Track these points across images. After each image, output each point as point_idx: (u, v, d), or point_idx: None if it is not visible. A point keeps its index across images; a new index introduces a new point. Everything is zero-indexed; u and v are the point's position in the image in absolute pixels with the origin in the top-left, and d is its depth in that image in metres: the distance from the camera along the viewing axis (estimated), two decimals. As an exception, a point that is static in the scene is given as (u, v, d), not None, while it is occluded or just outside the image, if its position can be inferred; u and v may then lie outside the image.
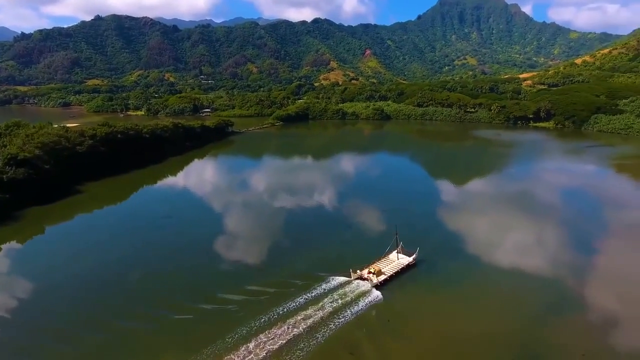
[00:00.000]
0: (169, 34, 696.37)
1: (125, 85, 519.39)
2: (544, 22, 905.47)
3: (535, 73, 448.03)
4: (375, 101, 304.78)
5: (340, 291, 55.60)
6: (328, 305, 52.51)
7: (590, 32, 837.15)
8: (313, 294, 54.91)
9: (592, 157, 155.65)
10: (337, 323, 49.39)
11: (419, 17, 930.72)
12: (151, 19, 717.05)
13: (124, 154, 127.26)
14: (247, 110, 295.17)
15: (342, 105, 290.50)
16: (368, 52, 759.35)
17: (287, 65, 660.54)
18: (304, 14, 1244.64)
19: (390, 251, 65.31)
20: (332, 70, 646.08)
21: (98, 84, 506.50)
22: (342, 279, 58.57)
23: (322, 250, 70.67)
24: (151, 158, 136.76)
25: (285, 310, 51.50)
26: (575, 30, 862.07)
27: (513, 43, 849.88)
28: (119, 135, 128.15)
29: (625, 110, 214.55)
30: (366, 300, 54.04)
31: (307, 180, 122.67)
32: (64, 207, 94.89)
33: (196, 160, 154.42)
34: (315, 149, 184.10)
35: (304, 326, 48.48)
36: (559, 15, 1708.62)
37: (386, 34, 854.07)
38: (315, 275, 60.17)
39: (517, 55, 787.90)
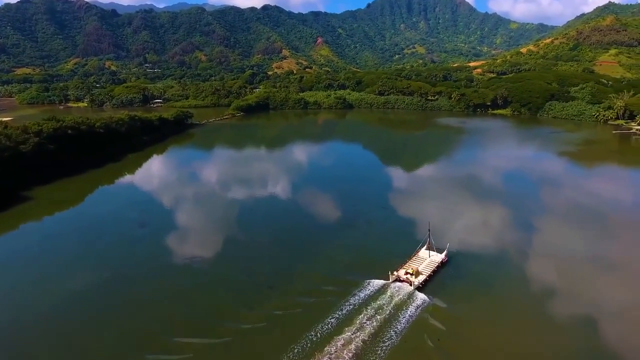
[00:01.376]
0: (108, 19, 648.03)
1: (61, 74, 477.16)
2: (486, 12, 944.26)
3: (484, 61, 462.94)
4: (334, 90, 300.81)
5: (384, 296, 51.33)
6: (377, 313, 48.14)
7: (528, 23, 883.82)
8: (355, 302, 50.02)
9: (552, 144, 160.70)
10: (394, 333, 44.95)
11: (369, 5, 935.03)
12: (87, 2, 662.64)
13: (76, 152, 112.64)
14: (203, 100, 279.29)
15: (302, 94, 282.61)
16: (320, 40, 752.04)
17: (237, 54, 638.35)
18: (252, 0, 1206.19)
19: (420, 248, 61.91)
20: (285, 59, 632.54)
21: (29, 73, 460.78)
22: (380, 282, 54.15)
23: (329, 249, 65.13)
24: (108, 156, 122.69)
25: (332, 323, 46.31)
26: (514, 21, 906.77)
27: (458, 32, 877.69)
28: (69, 131, 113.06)
29: (576, 97, 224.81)
30: (414, 305, 49.90)
31: (282, 174, 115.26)
32: (6, 220, 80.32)
33: (158, 156, 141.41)
34: (282, 141, 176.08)
35: (361, 341, 43.47)
36: (499, 6, 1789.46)
37: (337, 22, 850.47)
38: (350, 280, 54.74)
39: (463, 45, 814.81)
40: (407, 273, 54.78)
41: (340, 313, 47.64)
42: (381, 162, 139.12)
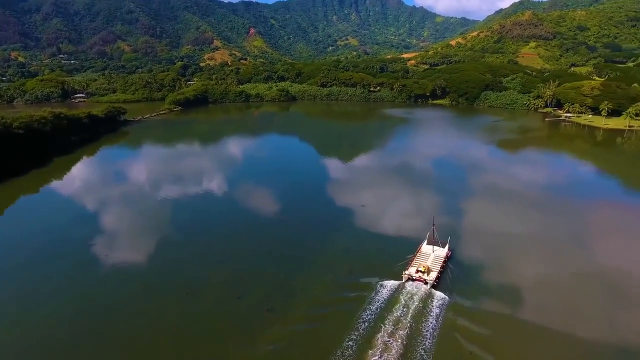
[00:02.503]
0: (12, 5, 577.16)
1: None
2: (413, 6, 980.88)
3: (416, 53, 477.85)
4: (274, 82, 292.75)
5: (402, 298, 49.32)
6: (403, 317, 45.78)
7: (452, 17, 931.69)
8: (376, 308, 47.27)
9: (495, 132, 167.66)
10: (427, 339, 42.75)
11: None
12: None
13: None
14: (133, 94, 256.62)
15: (243, 87, 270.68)
16: (252, 31, 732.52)
17: (165, 44, 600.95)
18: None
19: (422, 243, 60.81)
20: (217, 50, 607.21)
21: None
22: (393, 282, 52.34)
23: (315, 252, 60.55)
24: (30, 160, 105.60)
25: (360, 333, 43.27)
26: (440, 15, 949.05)
27: (388, 25, 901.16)
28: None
29: (508, 87, 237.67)
30: (436, 304, 48.21)
31: (236, 173, 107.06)
32: None
33: (90, 158, 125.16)
34: (228, 137, 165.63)
35: (398, 350, 40.93)
36: (424, 0, 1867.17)
37: (269, 13, 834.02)
38: (362, 283, 51.92)
39: (393, 37, 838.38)
40: (418, 271, 53.35)
41: (364, 322, 44.70)
42: (330, 156, 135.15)
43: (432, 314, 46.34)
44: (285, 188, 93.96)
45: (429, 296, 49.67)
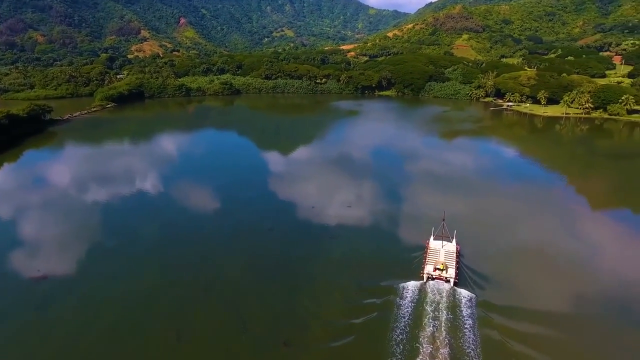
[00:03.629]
0: None
1: None
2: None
3: (355, 45, 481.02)
4: (214, 74, 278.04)
5: (429, 300, 47.61)
6: (437, 319, 43.91)
7: (384, 9, 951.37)
8: (405, 312, 45.20)
9: (446, 122, 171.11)
10: (470, 340, 41.11)
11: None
12: None
13: None
14: (55, 90, 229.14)
15: (182, 80, 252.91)
16: (183, 21, 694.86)
17: (85, 34, 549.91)
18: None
19: (429, 239, 59.37)
20: (146, 41, 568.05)
21: None
22: (414, 283, 50.57)
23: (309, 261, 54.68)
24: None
25: (400, 344, 40.56)
26: (372, 7, 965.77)
27: (323, 17, 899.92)
28: None
29: (451, 78, 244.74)
30: (464, 303, 46.86)
31: (189, 176, 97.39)
32: None
33: (12, 165, 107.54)
34: (169, 133, 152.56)
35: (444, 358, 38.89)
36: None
37: (199, 2, 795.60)
38: (383, 287, 49.50)
39: (329, 29, 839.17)
40: (436, 269, 52.02)
41: (400, 332, 42.18)
42: (277, 150, 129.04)
43: (465, 314, 44.87)
44: (258, 192, 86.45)
45: (454, 295, 48.42)
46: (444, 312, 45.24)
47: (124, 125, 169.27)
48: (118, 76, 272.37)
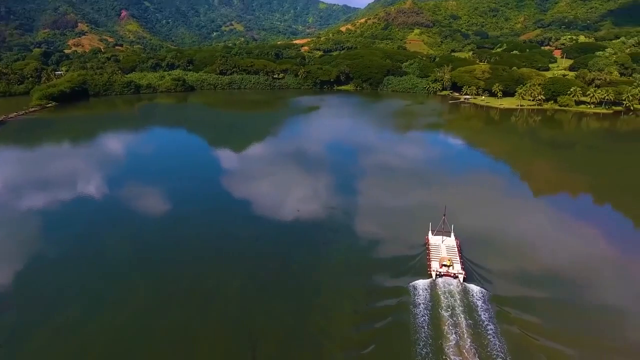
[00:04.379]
0: None
1: None
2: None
3: (309, 39, 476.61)
4: (164, 70, 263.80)
5: (442, 297, 46.72)
6: (454, 318, 43.13)
7: (335, 4, 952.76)
8: (421, 311, 44.14)
9: (409, 116, 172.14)
10: (492, 336, 40.54)
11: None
12: None
13: None
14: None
15: (130, 76, 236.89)
16: (124, 13, 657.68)
17: (14, 27, 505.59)
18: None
19: (427, 235, 58.99)
20: (84, 35, 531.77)
21: None
22: (424, 282, 49.64)
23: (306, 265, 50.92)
24: None
25: (425, 342, 39.84)
26: (323, 2, 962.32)
27: (273, 11, 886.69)
28: None
29: (408, 72, 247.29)
30: (477, 298, 46.40)
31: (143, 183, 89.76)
32: None
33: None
34: (120, 134, 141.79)
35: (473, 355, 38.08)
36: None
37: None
38: (393, 289, 48.30)
39: (279, 23, 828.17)
40: (443, 265, 51.20)
41: (424, 340, 40.50)
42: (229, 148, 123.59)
43: (480, 310, 44.36)
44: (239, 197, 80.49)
45: (465, 291, 47.74)
46: (459, 309, 44.50)
47: (68, 126, 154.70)
48: (56, 72, 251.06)
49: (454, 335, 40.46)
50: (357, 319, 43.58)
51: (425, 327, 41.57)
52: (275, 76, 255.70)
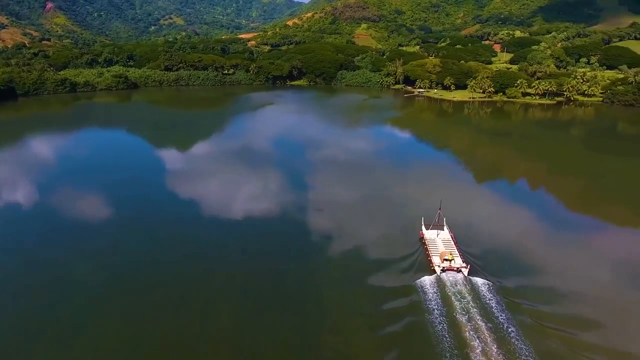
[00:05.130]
0: None
1: None
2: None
3: (255, 34, 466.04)
4: (101, 66, 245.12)
5: (449, 293, 46.20)
6: (468, 313, 42.76)
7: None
8: (434, 307, 43.89)
9: (368, 110, 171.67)
10: (511, 328, 40.55)
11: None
12: None
13: None
14: None
15: (64, 73, 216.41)
16: (50, 5, 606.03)
17: None
18: None
19: (421, 230, 58.65)
20: (4, 28, 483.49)
21: None
22: (429, 278, 49.11)
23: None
24: None
25: (444, 337, 39.44)
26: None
27: (214, 4, 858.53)
28: None
29: (361, 66, 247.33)
30: (485, 291, 46.46)
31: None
32: None
33: None
34: (49, 137, 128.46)
35: (496, 351, 37.58)
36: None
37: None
38: (399, 289, 47.28)
39: (222, 17, 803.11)
40: (445, 260, 50.52)
41: (438, 324, 41.16)
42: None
43: (490, 302, 44.62)
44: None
45: (472, 284, 47.75)
46: (471, 304, 44.43)
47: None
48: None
49: (476, 342, 39.14)
50: (371, 323, 41.93)
51: (444, 324, 41.13)
52: (225, 72, 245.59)
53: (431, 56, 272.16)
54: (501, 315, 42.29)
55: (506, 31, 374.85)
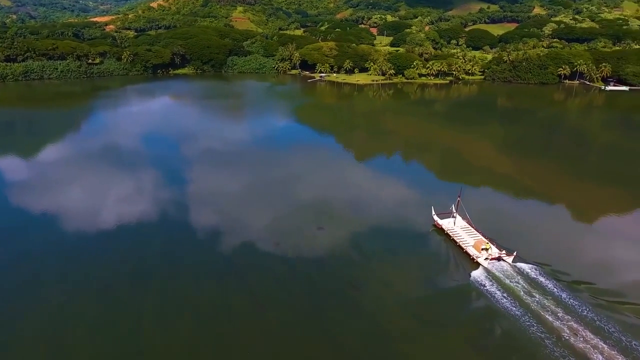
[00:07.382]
0: None
1: None
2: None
3: (113, 17, 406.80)
4: None
5: (508, 285, 44.41)
6: (534, 302, 41.88)
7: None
8: (501, 301, 42.33)
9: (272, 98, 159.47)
10: (586, 311, 40.56)
11: None
12: None
13: None
14: None
15: None
16: None
17: None
18: None
19: (436, 221, 56.69)
20: None
21: None
22: (477, 273, 47.07)
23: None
24: None
25: (532, 332, 38.67)
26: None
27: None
28: None
29: (252, 51, 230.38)
30: (539, 277, 45.49)
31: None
32: None
33: None
34: None
35: (581, 336, 37.55)
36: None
37: None
38: (459, 289, 45.72)
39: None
40: (483, 249, 48.89)
41: (521, 318, 40.12)
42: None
43: (550, 289, 43.76)
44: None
45: (521, 272, 46.60)
46: (535, 293, 43.39)
47: None
48: None
49: (549, 312, 40.18)
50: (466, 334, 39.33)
51: (526, 317, 40.13)
52: (90, 61, 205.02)
53: (318, 40, 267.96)
54: (569, 298, 42.30)
55: (378, 15, 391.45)
